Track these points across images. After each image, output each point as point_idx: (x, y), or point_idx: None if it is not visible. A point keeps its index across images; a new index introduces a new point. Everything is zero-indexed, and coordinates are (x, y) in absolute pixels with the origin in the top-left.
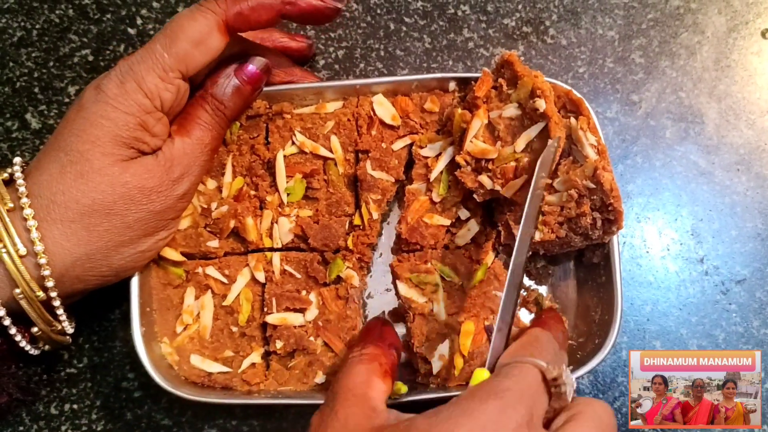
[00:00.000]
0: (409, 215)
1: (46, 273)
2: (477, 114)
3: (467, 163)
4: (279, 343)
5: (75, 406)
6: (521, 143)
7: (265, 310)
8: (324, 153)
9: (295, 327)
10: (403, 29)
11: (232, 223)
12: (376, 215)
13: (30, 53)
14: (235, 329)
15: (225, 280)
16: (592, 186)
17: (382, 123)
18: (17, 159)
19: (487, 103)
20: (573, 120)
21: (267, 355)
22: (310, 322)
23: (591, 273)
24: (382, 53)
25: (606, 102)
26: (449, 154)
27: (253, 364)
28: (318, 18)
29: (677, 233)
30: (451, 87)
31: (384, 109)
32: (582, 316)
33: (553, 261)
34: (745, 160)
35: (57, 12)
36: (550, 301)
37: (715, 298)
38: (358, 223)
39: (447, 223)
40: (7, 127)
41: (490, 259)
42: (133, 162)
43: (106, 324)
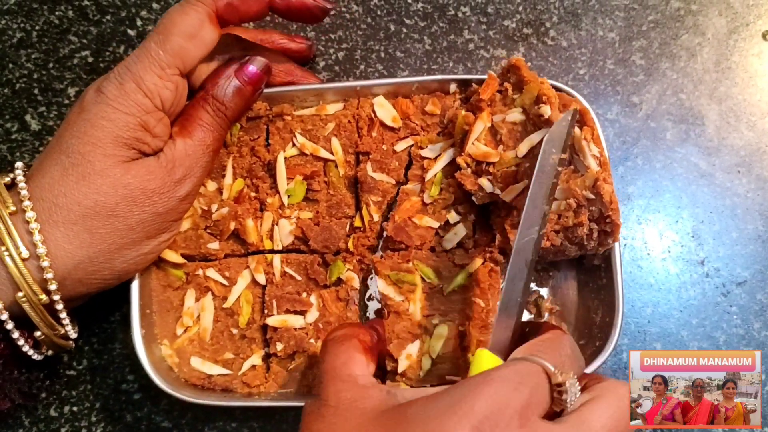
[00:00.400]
0: (398, 214)
1: (49, 276)
2: (480, 117)
3: (467, 165)
4: (279, 345)
5: (75, 409)
6: (523, 148)
7: (266, 312)
8: (324, 155)
9: (295, 329)
10: (404, 31)
11: (232, 225)
12: (376, 217)
13: (30, 55)
14: (235, 331)
15: (225, 282)
16: (591, 197)
17: (382, 125)
18: (19, 164)
19: (491, 106)
20: (577, 130)
21: (267, 357)
22: (311, 324)
23: (592, 275)
24: (383, 55)
25: (606, 104)
26: (448, 156)
27: (253, 367)
28: (305, 16)
29: (678, 235)
30: (452, 89)
31: (385, 110)
32: (583, 318)
33: (553, 263)
34: (746, 162)
35: (57, 13)
36: (550, 303)
37: (716, 300)
38: (359, 225)
39: (436, 225)
40: (7, 129)
41: (474, 266)
42: (135, 163)
43: (105, 326)
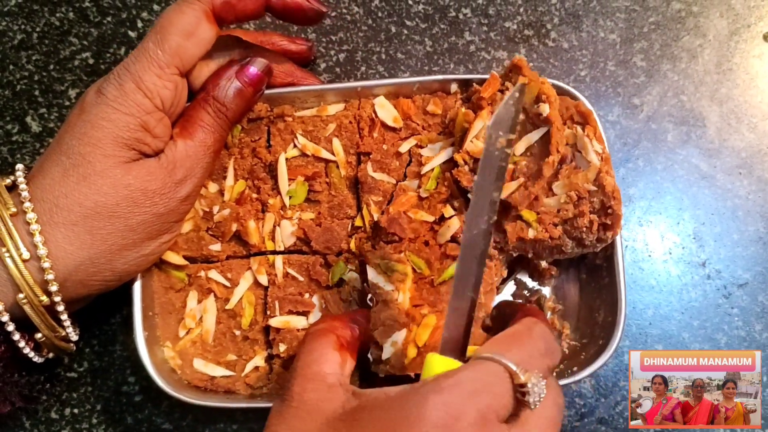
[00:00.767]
0: (392, 207)
1: (50, 277)
2: (480, 114)
3: (465, 162)
4: (282, 347)
5: (75, 411)
6: (521, 146)
7: (268, 313)
8: (326, 155)
9: (298, 330)
10: (404, 32)
11: (234, 227)
12: (377, 217)
13: (30, 56)
14: (237, 333)
15: (227, 284)
16: (593, 188)
17: (383, 125)
18: (20, 165)
19: (492, 105)
20: (579, 128)
21: (270, 359)
22: None
23: (594, 275)
24: (383, 56)
25: (607, 105)
26: (447, 153)
27: (256, 368)
28: (300, 17)
29: (679, 237)
30: (453, 89)
31: (385, 111)
32: (585, 318)
33: (555, 262)
34: (747, 164)
35: (57, 15)
36: (552, 302)
37: (717, 302)
38: (360, 225)
39: (431, 219)
40: (8, 131)
41: None
42: (136, 164)
43: (106, 328)
